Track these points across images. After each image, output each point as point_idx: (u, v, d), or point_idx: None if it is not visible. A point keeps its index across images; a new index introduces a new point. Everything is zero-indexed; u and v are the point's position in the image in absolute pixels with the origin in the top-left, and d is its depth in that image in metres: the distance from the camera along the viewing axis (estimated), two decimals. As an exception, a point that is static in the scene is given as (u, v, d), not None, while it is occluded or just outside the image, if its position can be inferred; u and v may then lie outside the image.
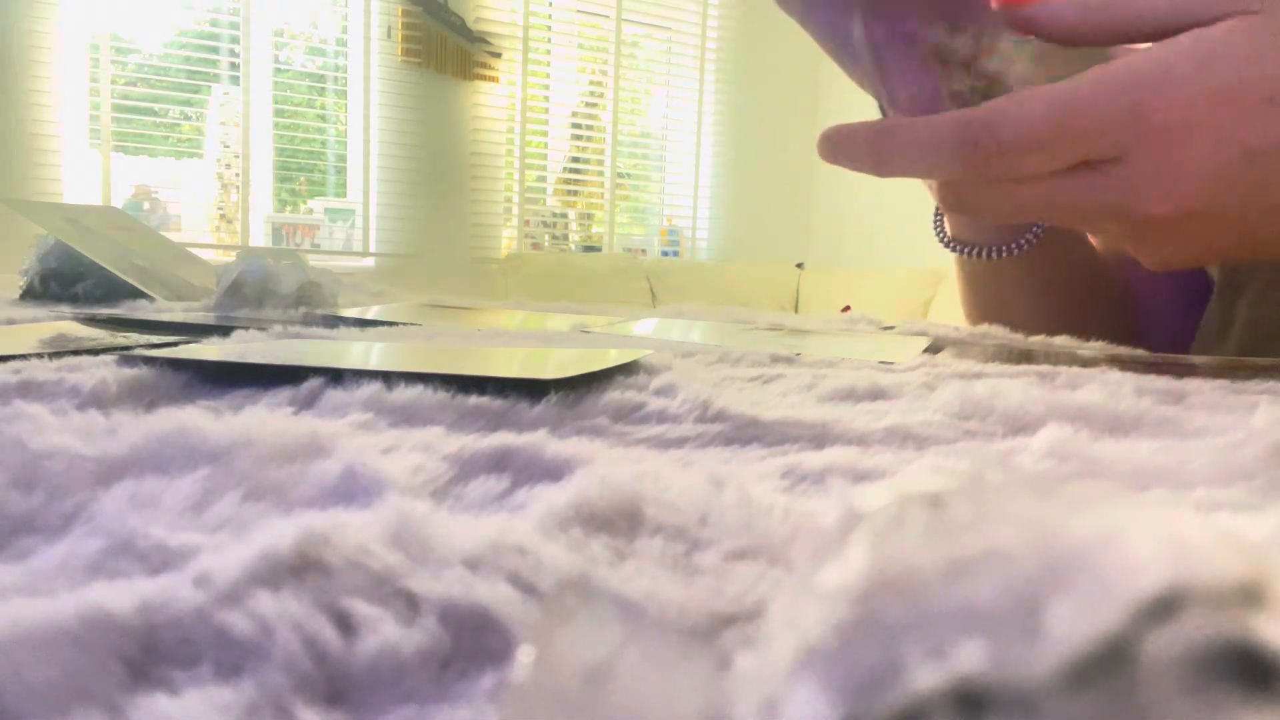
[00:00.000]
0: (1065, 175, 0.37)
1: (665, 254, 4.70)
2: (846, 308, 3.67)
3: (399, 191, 4.05)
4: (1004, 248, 0.54)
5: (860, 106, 0.47)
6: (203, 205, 3.92)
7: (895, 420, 0.27)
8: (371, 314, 0.60)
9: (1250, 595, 0.07)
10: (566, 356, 0.35)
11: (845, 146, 0.40)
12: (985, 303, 0.62)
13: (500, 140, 4.25)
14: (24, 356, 0.33)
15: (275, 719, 0.11)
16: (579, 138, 4.61)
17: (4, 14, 3.32)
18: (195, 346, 0.37)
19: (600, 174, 4.61)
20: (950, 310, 3.75)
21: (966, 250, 0.56)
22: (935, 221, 0.59)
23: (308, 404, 0.27)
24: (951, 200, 0.40)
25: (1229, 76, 0.34)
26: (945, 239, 0.58)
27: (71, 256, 0.68)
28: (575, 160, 4.62)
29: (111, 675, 0.11)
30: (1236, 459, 0.22)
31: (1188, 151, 0.35)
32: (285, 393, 0.28)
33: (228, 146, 3.89)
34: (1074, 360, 0.45)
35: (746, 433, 0.26)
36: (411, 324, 0.54)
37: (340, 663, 0.12)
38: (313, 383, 0.28)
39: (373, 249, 4.04)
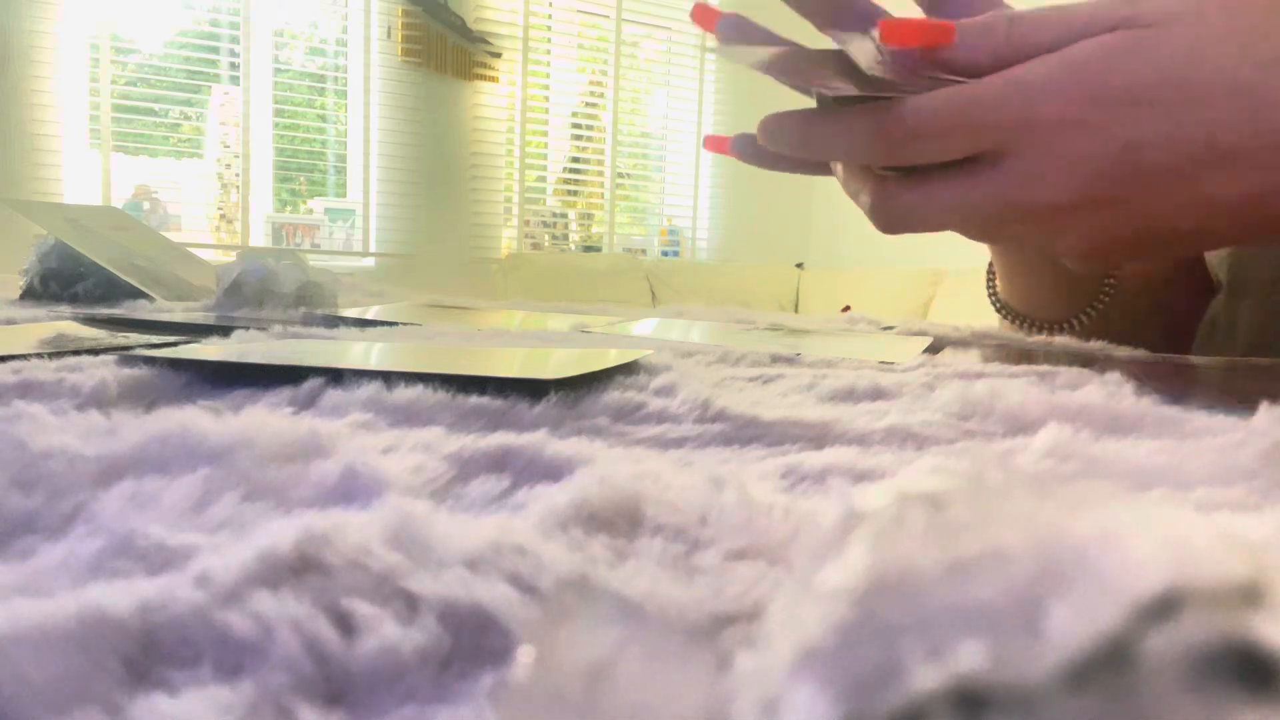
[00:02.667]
0: (969, 174, 0.41)
1: (665, 254, 4.70)
2: (846, 308, 3.67)
3: (399, 191, 4.05)
4: (1064, 324, 0.58)
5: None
6: (203, 205, 3.92)
7: (895, 420, 0.27)
8: (371, 314, 0.60)
9: (1250, 595, 0.07)
10: (566, 356, 0.35)
11: (779, 131, 0.45)
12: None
13: (500, 140, 4.26)
14: (24, 356, 0.33)
15: (275, 719, 0.11)
16: (579, 138, 4.61)
17: (4, 14, 3.32)
18: (195, 346, 0.37)
19: (600, 174, 4.61)
20: (950, 310, 3.75)
21: (1025, 324, 0.60)
22: (989, 288, 0.62)
23: (308, 404, 0.27)
24: (883, 216, 0.45)
25: (1099, 81, 0.39)
26: (999, 306, 0.62)
27: (71, 256, 0.68)
28: (575, 160, 4.63)
29: (111, 675, 0.11)
30: (1236, 459, 0.22)
31: (1067, 145, 0.40)
32: (285, 393, 0.28)
33: (228, 146, 3.89)
34: (1074, 360, 0.45)
35: (746, 433, 0.26)
36: (411, 324, 0.54)
37: (340, 663, 0.12)
38: (313, 383, 0.28)
39: (373, 249, 4.04)
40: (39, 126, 3.43)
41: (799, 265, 4.60)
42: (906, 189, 0.44)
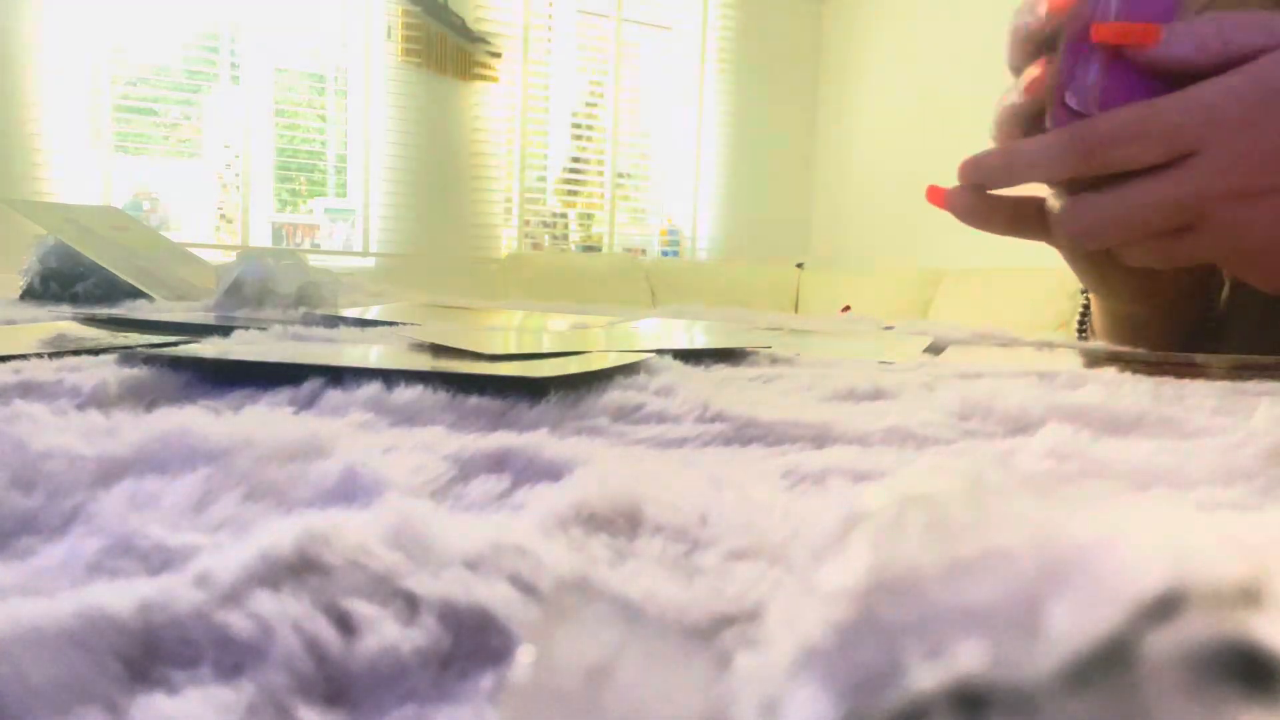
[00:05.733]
0: (1161, 173, 0.44)
1: (665, 254, 4.70)
2: (846, 308, 3.67)
3: (399, 191, 4.04)
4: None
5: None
6: (203, 205, 3.92)
7: (895, 420, 0.27)
8: (371, 314, 0.60)
9: (1250, 595, 0.07)
10: (567, 357, 0.35)
11: (982, 166, 0.48)
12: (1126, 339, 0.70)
13: (500, 140, 4.25)
14: (24, 356, 0.33)
15: (275, 719, 0.11)
16: (579, 138, 4.61)
17: (4, 15, 3.32)
18: (195, 346, 0.37)
19: (600, 174, 4.61)
20: (950, 310, 3.75)
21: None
22: (1080, 325, 0.68)
23: (308, 404, 0.27)
24: (1075, 222, 0.47)
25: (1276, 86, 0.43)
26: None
27: (71, 256, 0.68)
28: (575, 160, 4.62)
29: (111, 675, 0.11)
30: (1236, 459, 0.22)
31: (1253, 139, 0.43)
32: (285, 393, 0.28)
33: (228, 146, 3.89)
34: (1074, 360, 0.45)
35: (746, 433, 0.26)
36: (411, 324, 0.54)
37: (340, 663, 0.12)
38: (313, 383, 0.28)
39: (373, 249, 4.04)
40: (39, 126, 3.43)
41: (799, 265, 4.60)
42: (1100, 194, 0.46)
